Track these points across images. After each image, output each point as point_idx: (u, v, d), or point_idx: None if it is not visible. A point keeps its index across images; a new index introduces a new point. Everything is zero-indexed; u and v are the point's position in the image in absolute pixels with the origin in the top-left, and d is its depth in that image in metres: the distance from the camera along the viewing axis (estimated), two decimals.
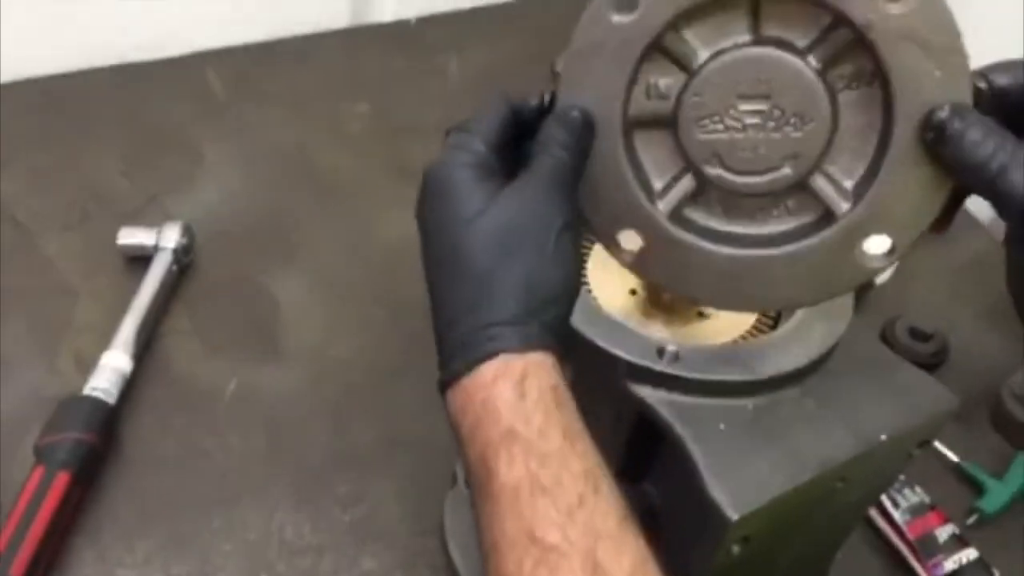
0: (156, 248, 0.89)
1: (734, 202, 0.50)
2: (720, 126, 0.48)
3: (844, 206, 0.48)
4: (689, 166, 0.49)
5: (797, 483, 0.50)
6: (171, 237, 0.89)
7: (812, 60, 0.46)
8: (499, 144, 0.48)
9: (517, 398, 0.44)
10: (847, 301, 0.57)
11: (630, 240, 0.51)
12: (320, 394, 0.84)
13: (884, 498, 0.79)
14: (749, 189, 0.49)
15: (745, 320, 0.59)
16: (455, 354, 0.45)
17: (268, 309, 0.90)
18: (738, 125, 0.48)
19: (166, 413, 0.80)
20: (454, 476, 0.77)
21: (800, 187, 0.49)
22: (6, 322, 0.85)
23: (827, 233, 0.49)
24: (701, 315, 0.59)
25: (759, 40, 0.47)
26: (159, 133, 1.05)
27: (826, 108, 0.47)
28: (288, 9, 1.19)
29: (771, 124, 0.48)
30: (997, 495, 0.83)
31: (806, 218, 0.50)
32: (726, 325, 0.59)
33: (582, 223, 0.50)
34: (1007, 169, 0.44)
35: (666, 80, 0.48)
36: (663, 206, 0.50)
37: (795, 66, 0.47)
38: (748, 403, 0.53)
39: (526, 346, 0.45)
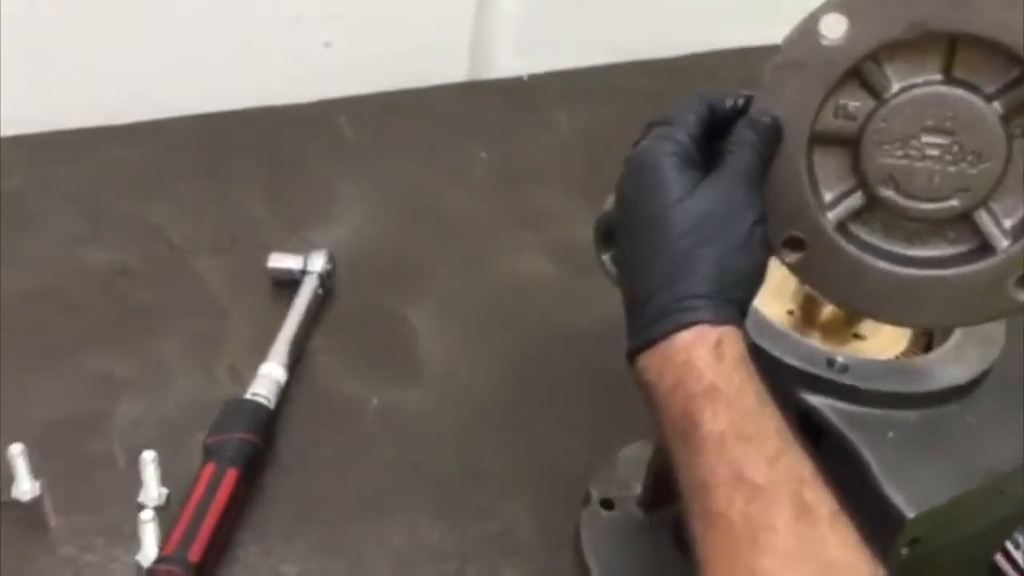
0: (303, 272, 0.95)
1: (897, 224, 0.55)
2: (900, 152, 0.53)
3: (1004, 242, 0.53)
4: (861, 184, 0.54)
5: (967, 488, 0.53)
6: (318, 263, 0.95)
7: (997, 106, 0.51)
8: (698, 138, 0.53)
9: (716, 360, 0.49)
10: (999, 327, 0.61)
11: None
12: (455, 416, 0.88)
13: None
14: (917, 214, 0.54)
15: (898, 342, 0.63)
16: (652, 322, 0.50)
17: (404, 335, 0.95)
18: (918, 154, 0.53)
19: (317, 423, 0.85)
20: (587, 496, 0.80)
21: (963, 219, 0.54)
22: (166, 335, 0.90)
23: (983, 265, 0.53)
24: (856, 336, 0.63)
25: (950, 80, 0.52)
26: (297, 171, 1.12)
27: (1003, 151, 0.52)
28: (411, 63, 1.26)
29: (949, 158, 0.52)
30: None
31: (964, 247, 0.54)
32: (880, 345, 0.63)
33: None
34: None
35: (856, 104, 0.53)
36: (832, 216, 0.55)
37: (980, 109, 0.51)
38: (912, 415, 0.56)
39: (719, 319, 0.50)
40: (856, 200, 0.55)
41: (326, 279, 0.95)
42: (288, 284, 0.95)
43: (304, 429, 0.84)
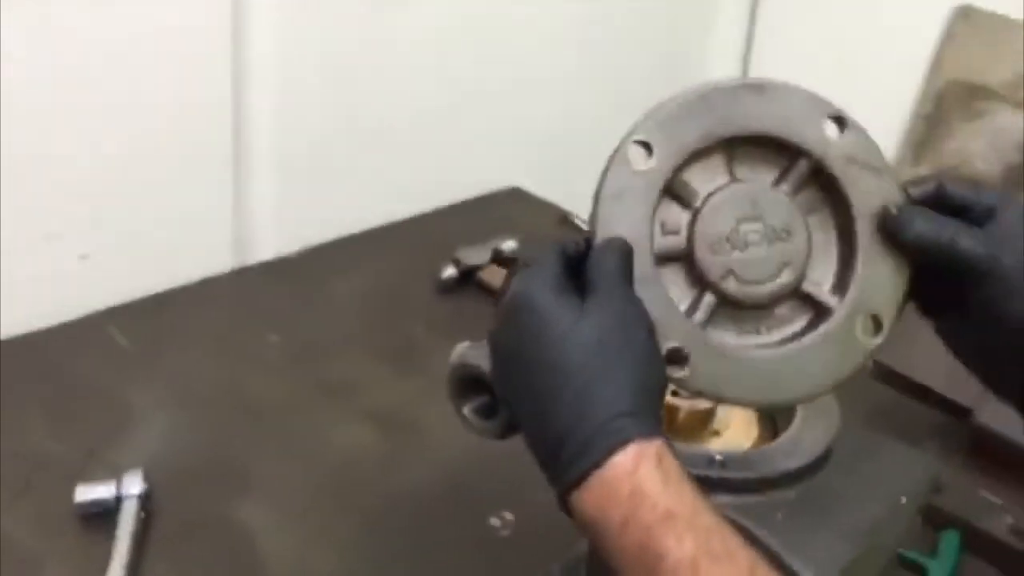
0: (119, 498, 0.87)
1: (742, 316, 0.60)
2: (728, 246, 0.59)
3: (833, 301, 0.60)
4: (707, 286, 0.59)
5: (859, 550, 0.58)
6: (134, 484, 0.88)
7: (784, 187, 0.59)
8: (563, 273, 0.56)
9: (663, 482, 0.49)
10: (832, 401, 0.67)
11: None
12: None
13: None
14: (760, 298, 0.60)
15: (750, 432, 0.68)
16: (580, 456, 0.49)
17: (241, 538, 0.90)
18: (743, 243, 0.59)
19: None
20: None
21: (795, 293, 0.60)
22: None
23: (828, 326, 0.59)
24: (714, 433, 0.68)
25: (736, 180, 0.59)
26: (78, 392, 1.04)
27: (802, 223, 0.59)
28: (172, 263, 1.23)
29: (767, 240, 0.59)
30: (938, 573, 0.93)
31: (806, 318, 0.60)
32: (736, 437, 0.67)
33: None
34: (956, 237, 0.57)
35: (675, 218, 0.59)
36: (696, 320, 0.59)
37: (772, 194, 0.59)
38: (790, 492, 0.61)
39: (650, 432, 0.50)
40: (710, 300, 0.59)
41: (146, 500, 0.88)
42: (100, 516, 0.88)
43: None
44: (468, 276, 1.30)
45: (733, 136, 0.59)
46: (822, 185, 0.60)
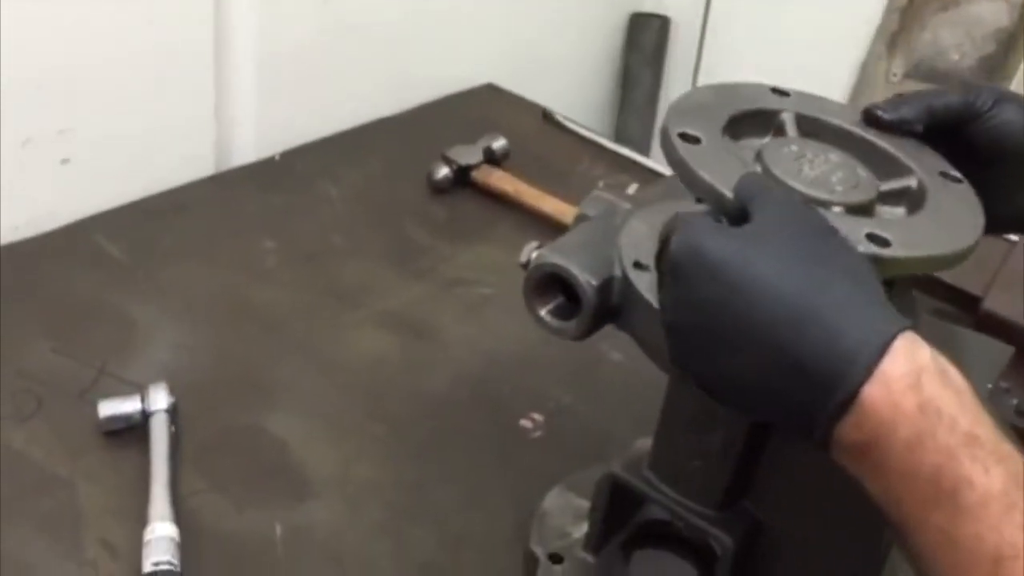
0: (145, 413, 0.84)
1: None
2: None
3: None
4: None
5: None
6: (160, 398, 0.84)
7: None
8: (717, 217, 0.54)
9: (956, 396, 0.43)
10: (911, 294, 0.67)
11: None
12: (364, 516, 0.82)
13: None
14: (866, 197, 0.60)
15: None
16: (841, 377, 0.43)
17: (275, 450, 0.87)
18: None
19: (229, 573, 0.75)
20: (531, 556, 0.78)
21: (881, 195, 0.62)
22: (11, 530, 0.76)
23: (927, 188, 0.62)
24: None
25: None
26: (76, 306, 0.99)
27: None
28: (155, 168, 1.16)
29: (826, 164, 0.62)
30: None
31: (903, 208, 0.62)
32: None
33: None
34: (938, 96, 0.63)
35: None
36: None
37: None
38: None
39: (907, 328, 0.44)
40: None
41: (174, 414, 0.84)
42: (124, 433, 0.84)
43: None
44: (462, 176, 1.26)
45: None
46: None
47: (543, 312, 0.65)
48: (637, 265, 0.63)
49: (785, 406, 0.46)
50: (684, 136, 0.59)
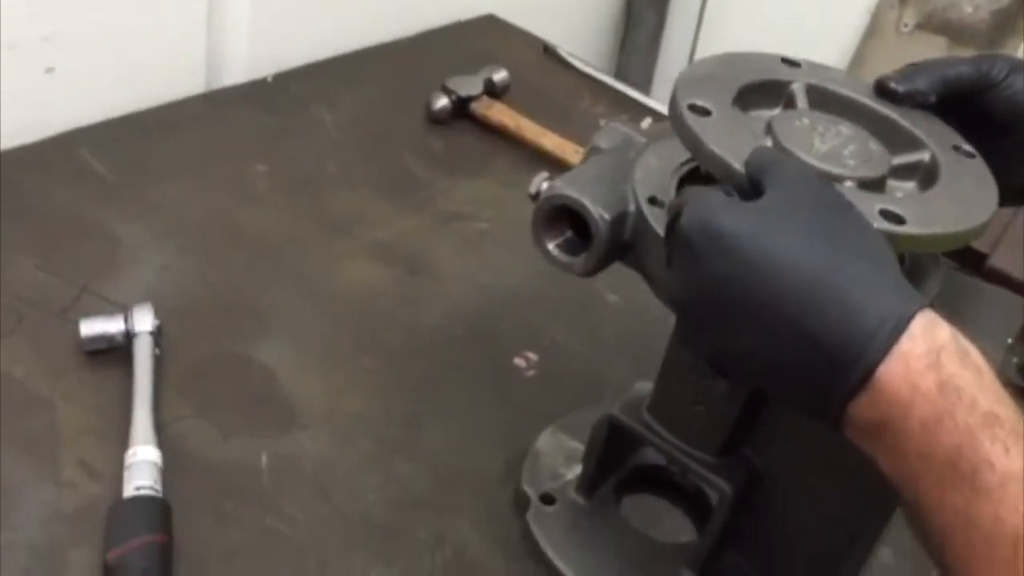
0: (128, 334, 0.81)
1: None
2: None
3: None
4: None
5: None
6: (145, 320, 0.81)
7: None
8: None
9: (976, 375, 0.42)
10: None
11: None
12: (353, 449, 0.81)
13: None
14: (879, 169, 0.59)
15: None
16: (860, 352, 0.42)
17: (261, 378, 0.85)
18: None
19: (212, 501, 0.73)
20: (523, 496, 0.77)
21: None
22: None
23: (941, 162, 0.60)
24: None
25: None
26: (58, 221, 0.95)
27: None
28: (143, 81, 1.12)
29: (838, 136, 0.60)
30: None
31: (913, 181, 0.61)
32: None
33: None
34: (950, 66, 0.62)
35: None
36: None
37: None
38: None
39: (924, 306, 0.43)
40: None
41: (158, 337, 0.82)
42: (106, 353, 0.81)
43: (202, 512, 0.72)
44: (461, 107, 1.22)
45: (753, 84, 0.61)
46: None
47: (551, 246, 0.63)
48: (652, 200, 0.60)
49: (799, 383, 0.45)
50: (694, 108, 0.57)
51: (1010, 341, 0.61)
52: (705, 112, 0.57)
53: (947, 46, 1.54)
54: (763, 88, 0.62)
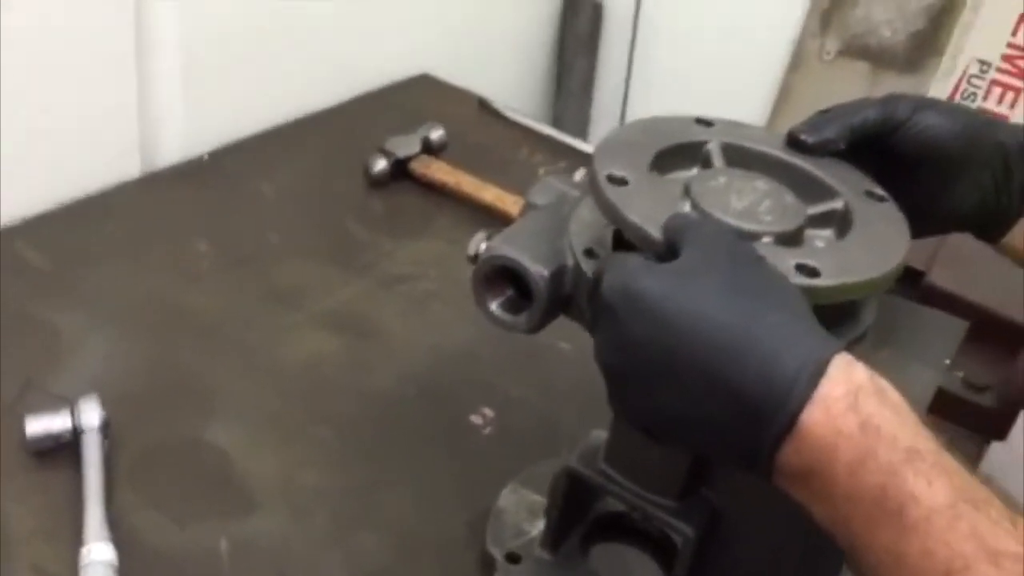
0: (76, 429, 0.79)
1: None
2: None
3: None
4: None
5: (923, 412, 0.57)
6: (92, 414, 0.80)
7: None
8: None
9: (894, 412, 0.43)
10: None
11: None
12: (312, 524, 0.79)
13: None
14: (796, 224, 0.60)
15: None
16: (782, 401, 0.43)
17: (216, 461, 0.84)
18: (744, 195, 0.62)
19: None
20: (487, 556, 0.76)
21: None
22: None
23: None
24: None
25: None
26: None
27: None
28: (78, 171, 1.11)
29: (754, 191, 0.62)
30: None
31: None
32: None
33: None
34: (857, 113, 0.65)
35: None
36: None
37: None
38: None
39: (841, 350, 0.45)
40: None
41: (106, 428, 0.80)
42: (54, 450, 0.80)
43: None
44: (400, 168, 1.23)
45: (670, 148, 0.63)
46: None
47: (493, 306, 0.63)
48: (588, 253, 0.61)
49: (726, 439, 0.46)
50: (611, 178, 0.58)
51: (948, 362, 0.62)
52: (622, 182, 0.58)
53: (869, 71, 1.58)
54: (679, 151, 0.64)
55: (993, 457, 1.03)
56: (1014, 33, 1.48)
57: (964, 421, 1.01)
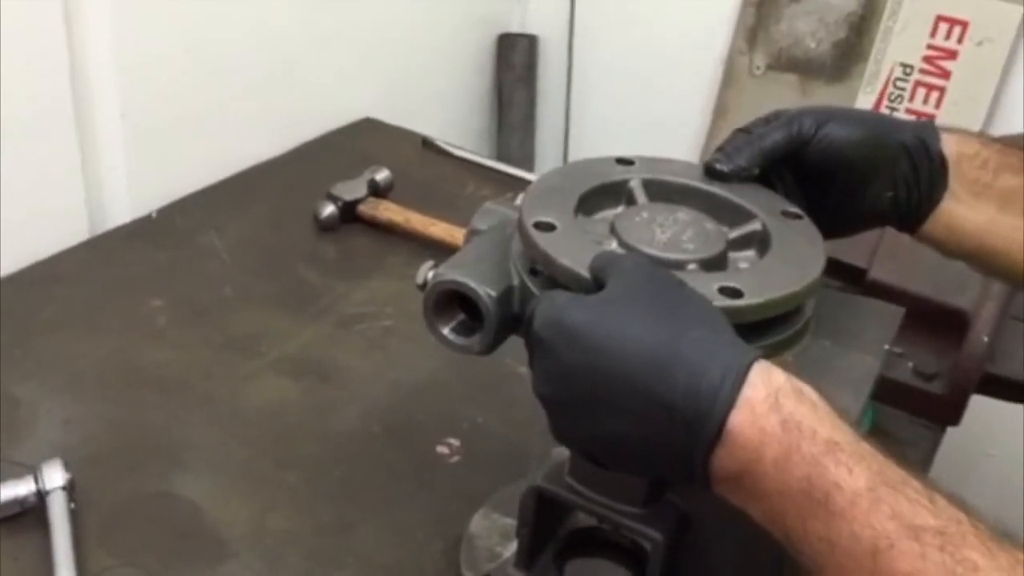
0: (41, 493, 0.79)
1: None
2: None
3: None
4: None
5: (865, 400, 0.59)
6: (56, 476, 0.80)
7: None
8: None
9: (812, 409, 0.46)
10: None
11: None
12: (286, 568, 0.80)
13: None
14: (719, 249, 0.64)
15: None
16: (708, 412, 0.46)
17: (185, 513, 0.84)
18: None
19: None
20: None
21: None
22: None
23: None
24: None
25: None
26: None
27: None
28: (25, 239, 1.11)
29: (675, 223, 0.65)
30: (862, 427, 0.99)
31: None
32: None
33: None
34: (765, 136, 0.68)
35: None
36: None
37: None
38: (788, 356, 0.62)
39: (759, 358, 0.48)
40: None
41: (71, 491, 0.80)
42: (20, 517, 0.79)
43: None
44: (348, 211, 1.25)
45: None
46: None
47: (445, 331, 0.65)
48: (533, 272, 0.63)
49: (664, 454, 0.49)
50: (539, 224, 0.61)
51: (887, 347, 0.64)
52: (550, 227, 0.61)
53: (799, 82, 1.63)
54: (603, 191, 0.67)
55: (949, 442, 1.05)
56: (932, 35, 1.54)
57: (917, 410, 1.03)
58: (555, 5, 1.81)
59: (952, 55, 1.53)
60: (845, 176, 0.67)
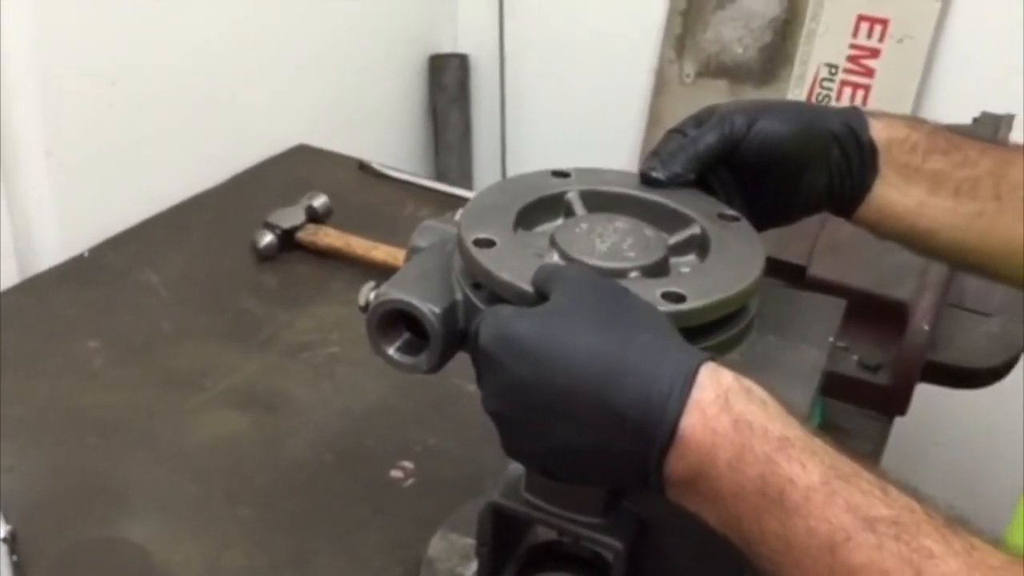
0: None
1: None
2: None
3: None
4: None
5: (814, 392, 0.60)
6: None
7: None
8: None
9: (762, 407, 0.46)
10: None
11: None
12: None
13: None
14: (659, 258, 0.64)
15: None
16: (660, 417, 0.46)
17: (135, 558, 0.81)
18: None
19: None
20: None
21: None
22: None
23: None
24: None
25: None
26: None
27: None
28: None
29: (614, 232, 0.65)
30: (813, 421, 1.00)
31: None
32: None
33: None
34: (698, 140, 0.68)
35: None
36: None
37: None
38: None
39: (708, 359, 0.48)
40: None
41: (13, 542, 0.77)
42: None
43: None
44: (287, 239, 1.23)
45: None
46: None
47: (391, 351, 0.64)
48: (476, 286, 0.62)
49: (617, 462, 0.48)
50: (478, 241, 0.60)
51: (831, 339, 0.65)
52: (489, 244, 0.60)
53: (728, 87, 1.65)
54: (541, 205, 0.67)
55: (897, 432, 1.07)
56: (854, 35, 1.57)
57: (865, 402, 1.05)
58: (485, 23, 1.82)
59: (875, 53, 1.56)
60: (780, 169, 0.68)
